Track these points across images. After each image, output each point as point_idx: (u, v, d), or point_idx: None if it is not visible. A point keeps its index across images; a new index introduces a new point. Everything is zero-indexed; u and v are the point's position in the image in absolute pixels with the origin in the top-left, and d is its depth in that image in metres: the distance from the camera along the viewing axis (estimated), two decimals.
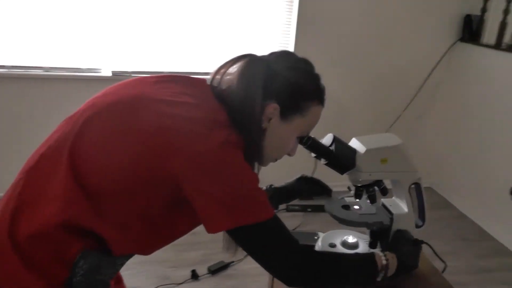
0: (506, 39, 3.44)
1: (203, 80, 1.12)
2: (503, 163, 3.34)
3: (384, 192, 1.28)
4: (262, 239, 0.98)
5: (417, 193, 1.31)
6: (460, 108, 3.81)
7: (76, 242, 0.99)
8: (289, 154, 1.16)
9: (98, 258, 1.03)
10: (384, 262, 1.13)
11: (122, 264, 1.13)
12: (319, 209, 1.43)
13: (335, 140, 1.19)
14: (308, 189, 1.35)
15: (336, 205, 1.32)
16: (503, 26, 3.45)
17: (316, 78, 1.11)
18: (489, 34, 3.61)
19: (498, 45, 3.47)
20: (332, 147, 1.18)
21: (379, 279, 1.13)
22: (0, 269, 0.98)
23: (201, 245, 2.88)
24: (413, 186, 1.30)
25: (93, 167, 0.98)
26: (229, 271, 2.75)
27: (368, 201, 1.28)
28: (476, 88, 3.65)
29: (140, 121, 0.98)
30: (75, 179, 0.97)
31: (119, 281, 1.31)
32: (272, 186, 1.37)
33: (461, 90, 3.80)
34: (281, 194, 1.37)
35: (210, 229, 0.96)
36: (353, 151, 1.20)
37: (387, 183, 1.29)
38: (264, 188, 1.39)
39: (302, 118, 1.09)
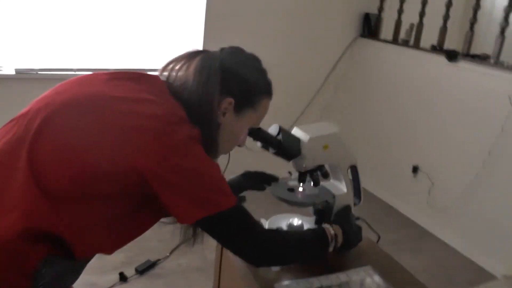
0: (402, 35, 3.79)
1: (156, 77, 1.12)
2: (404, 146, 3.67)
3: (326, 175, 1.38)
4: (228, 225, 1.02)
5: (354, 175, 1.43)
6: (362, 97, 4.10)
7: (37, 250, 0.95)
8: (239, 146, 1.20)
9: (61, 264, 0.99)
10: (332, 232, 1.23)
11: (83, 268, 1.10)
12: (242, 200, 1.48)
13: (281, 130, 1.25)
14: (253, 185, 1.41)
15: (281, 189, 1.39)
16: (398, 24, 3.80)
17: (265, 73, 1.16)
18: (386, 30, 3.96)
19: (395, 41, 3.80)
20: (280, 137, 1.24)
21: (331, 249, 1.22)
22: None
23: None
24: (349, 169, 1.41)
25: (56, 169, 0.94)
26: (156, 269, 2.72)
27: (312, 183, 1.37)
28: (376, 78, 3.95)
29: (103, 120, 0.96)
30: (36, 183, 0.93)
31: None
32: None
33: (362, 81, 4.09)
34: (244, 180, 1.43)
35: (182, 221, 0.98)
36: (298, 139, 1.27)
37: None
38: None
39: (254, 112, 1.14)
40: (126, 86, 1.04)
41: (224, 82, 1.06)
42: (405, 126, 3.67)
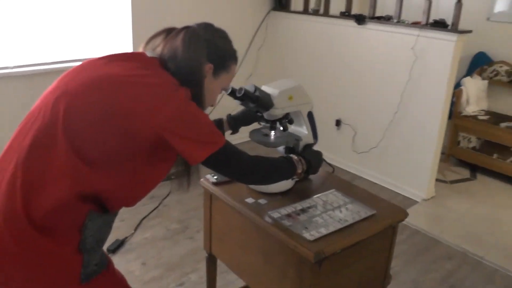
0: (312, 6, 4.16)
1: (143, 54, 1.33)
2: (326, 103, 4.08)
3: (291, 122, 1.69)
4: (226, 157, 1.29)
5: (310, 119, 1.75)
6: (282, 65, 4.46)
7: (83, 207, 1.17)
8: (212, 105, 1.46)
9: (99, 218, 1.21)
10: (296, 157, 1.55)
11: (113, 222, 1.32)
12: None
13: (257, 88, 1.54)
14: (245, 121, 1.75)
15: (258, 135, 1.69)
16: None
17: (232, 43, 1.42)
18: (296, 2, 4.31)
19: (305, 11, 4.17)
20: (257, 93, 1.53)
21: (299, 170, 1.53)
22: (24, 246, 1.12)
23: None
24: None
25: (90, 140, 1.15)
26: (126, 246, 2.88)
27: (282, 129, 1.68)
28: (293, 46, 4.32)
29: (118, 93, 1.18)
30: (76, 155, 1.13)
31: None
32: (230, 115, 1.73)
33: (280, 51, 4.44)
34: (238, 119, 1.74)
35: (193, 162, 1.23)
36: (269, 94, 1.57)
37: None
38: (224, 117, 1.74)
39: (226, 74, 1.40)
40: (123, 65, 1.25)
41: (207, 50, 1.31)
42: (325, 86, 4.09)
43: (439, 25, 3.16)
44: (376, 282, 1.66)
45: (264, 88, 1.61)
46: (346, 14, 3.84)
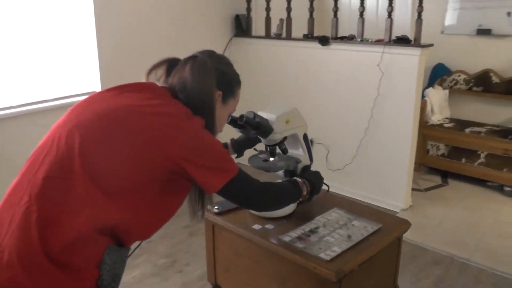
0: (273, 30, 4.27)
1: (153, 84, 1.33)
2: None
3: (285, 151, 1.73)
4: (239, 185, 1.29)
5: (306, 141, 1.79)
6: (249, 90, 4.50)
7: (102, 241, 1.15)
8: (220, 132, 1.46)
9: (115, 253, 1.19)
10: (300, 180, 1.57)
11: (127, 258, 1.29)
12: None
13: (256, 114, 1.56)
14: (246, 145, 1.81)
15: (257, 160, 1.71)
16: (268, 21, 4.26)
17: (234, 67, 1.44)
18: (257, 28, 4.40)
19: (268, 36, 4.26)
20: (258, 120, 1.55)
21: (304, 192, 1.55)
22: (41, 282, 1.08)
23: None
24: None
25: (107, 171, 1.14)
26: None
27: (281, 153, 1.70)
28: (258, 71, 4.37)
29: (133, 124, 1.18)
30: (95, 185, 1.12)
31: None
32: (234, 139, 1.79)
33: (246, 76, 4.48)
34: (242, 143, 1.79)
35: (210, 191, 1.25)
36: (266, 119, 1.59)
37: None
38: (229, 141, 1.78)
39: (233, 100, 1.43)
40: (135, 96, 1.25)
41: (216, 79, 1.33)
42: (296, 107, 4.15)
43: (402, 41, 3.32)
44: None
45: (260, 113, 1.63)
46: (309, 36, 3.95)
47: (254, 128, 1.55)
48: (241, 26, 4.43)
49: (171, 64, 1.37)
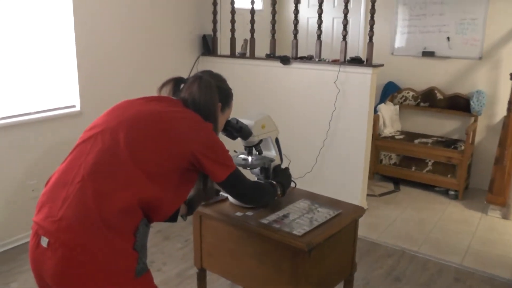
0: (238, 50, 4.61)
1: (169, 97, 1.68)
2: None
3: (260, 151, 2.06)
4: (235, 179, 1.64)
5: (277, 143, 2.11)
6: None
7: (140, 213, 1.45)
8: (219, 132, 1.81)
9: (145, 226, 1.49)
10: (274, 183, 1.95)
11: (148, 234, 1.56)
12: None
13: (238, 120, 1.89)
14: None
15: (238, 159, 2.03)
16: (233, 41, 4.60)
17: (227, 83, 1.79)
18: (223, 47, 4.73)
19: (233, 55, 4.60)
20: (240, 125, 1.88)
21: (279, 191, 1.94)
22: (96, 241, 1.37)
23: None
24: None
25: (148, 158, 1.47)
26: None
27: (256, 153, 2.03)
28: None
29: (164, 124, 1.52)
30: (139, 169, 1.44)
31: None
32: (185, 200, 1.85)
33: None
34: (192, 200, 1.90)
35: (217, 179, 1.59)
36: (247, 125, 1.92)
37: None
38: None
39: (228, 109, 1.78)
40: (159, 104, 1.59)
41: (218, 94, 1.68)
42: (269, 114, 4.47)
43: (356, 61, 3.74)
44: (347, 269, 2.02)
45: (241, 119, 1.96)
46: (271, 56, 4.30)
47: (237, 132, 1.87)
48: (208, 46, 4.72)
49: (176, 82, 1.74)
